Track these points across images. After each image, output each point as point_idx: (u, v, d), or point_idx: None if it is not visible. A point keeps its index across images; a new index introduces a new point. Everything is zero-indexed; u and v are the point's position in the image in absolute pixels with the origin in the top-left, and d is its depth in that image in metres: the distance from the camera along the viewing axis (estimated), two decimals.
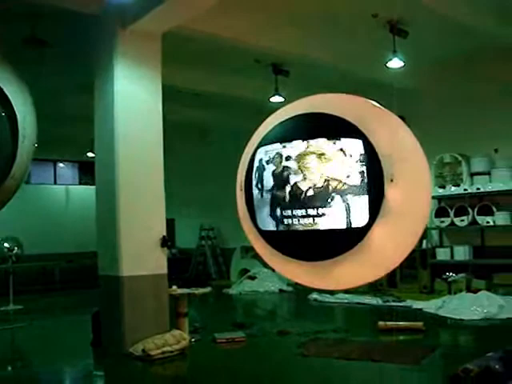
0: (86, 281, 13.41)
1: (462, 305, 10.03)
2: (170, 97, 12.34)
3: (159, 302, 7.97)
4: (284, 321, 11.14)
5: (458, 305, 10.10)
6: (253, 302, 13.81)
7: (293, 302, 13.47)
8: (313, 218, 3.30)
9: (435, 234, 13.10)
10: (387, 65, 10.28)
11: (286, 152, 3.40)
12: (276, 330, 9.07)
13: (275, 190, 3.48)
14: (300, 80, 11.61)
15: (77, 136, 15.01)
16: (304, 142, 3.31)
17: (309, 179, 3.27)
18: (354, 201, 3.16)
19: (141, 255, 7.86)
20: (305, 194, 3.31)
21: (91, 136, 8.65)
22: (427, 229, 12.57)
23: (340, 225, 3.19)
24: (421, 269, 12.69)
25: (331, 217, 3.22)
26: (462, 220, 12.17)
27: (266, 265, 3.74)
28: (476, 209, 11.96)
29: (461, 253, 12.26)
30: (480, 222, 11.90)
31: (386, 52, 10.19)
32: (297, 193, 3.33)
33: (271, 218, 3.58)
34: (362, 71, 11.61)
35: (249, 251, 15.70)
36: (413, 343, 8.00)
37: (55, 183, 20.70)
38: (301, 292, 12.65)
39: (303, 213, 3.32)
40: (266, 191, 3.54)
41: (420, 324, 8.61)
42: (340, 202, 3.20)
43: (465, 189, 12.10)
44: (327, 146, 3.25)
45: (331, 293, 12.04)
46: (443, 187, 12.51)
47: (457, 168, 12.49)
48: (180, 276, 15.20)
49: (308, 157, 3.30)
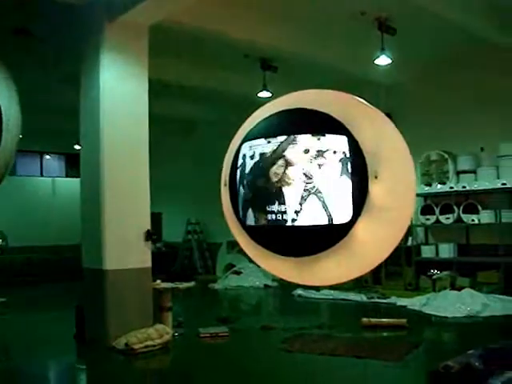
0: (72, 273, 13.32)
1: (446, 302, 10.09)
2: (158, 91, 12.30)
3: (143, 296, 7.95)
4: (268, 316, 11.16)
5: (442, 302, 10.15)
6: (238, 297, 13.82)
7: (277, 298, 13.49)
8: (296, 214, 3.28)
9: (420, 232, 13.14)
10: (375, 62, 10.30)
11: (271, 147, 3.37)
12: (260, 326, 9.07)
13: (259, 186, 3.45)
14: (288, 76, 11.60)
15: (64, 128, 14.89)
16: (289, 137, 3.28)
17: (293, 175, 3.24)
18: (338, 197, 3.14)
19: (125, 249, 7.84)
20: (288, 190, 3.28)
21: (78, 128, 8.59)
22: (412, 226, 12.61)
23: (323, 221, 3.17)
24: (406, 266, 12.73)
25: (314, 212, 3.20)
26: (448, 218, 12.20)
27: (252, 260, 3.72)
28: (461, 207, 11.99)
29: (446, 250, 12.29)
30: (465, 220, 11.93)
31: (374, 49, 10.21)
32: (281, 188, 3.30)
33: (255, 214, 3.56)
34: (350, 68, 11.61)
35: (235, 246, 15.66)
36: (396, 340, 8.04)
37: (42, 175, 20.54)
38: (286, 288, 12.64)
39: (287, 208, 3.30)
40: (250, 186, 3.51)
41: (404, 321, 8.64)
42: (323, 198, 3.18)
43: (451, 187, 12.12)
44: (312, 142, 3.23)
45: (316, 289, 12.05)
46: (429, 185, 12.54)
47: (443, 166, 12.50)
48: (166, 270, 15.15)
49: (294, 152, 3.28)
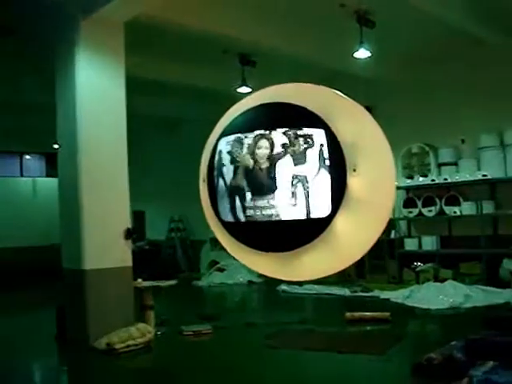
0: (55, 274, 13.17)
1: (429, 294, 10.12)
2: (138, 88, 12.19)
3: (124, 295, 7.87)
4: (252, 312, 11.11)
5: (425, 294, 10.19)
6: (221, 294, 13.75)
7: (261, 294, 13.43)
8: (274, 209, 3.21)
9: (403, 225, 13.17)
10: (354, 55, 10.27)
11: (248, 142, 3.29)
12: (244, 322, 9.02)
13: (236, 181, 3.37)
14: (267, 71, 11.52)
15: (43, 127, 14.70)
16: (266, 132, 3.21)
17: (270, 169, 3.17)
18: (316, 191, 3.08)
19: (105, 248, 7.75)
20: (266, 184, 3.21)
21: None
22: (395, 219, 12.63)
23: (301, 215, 3.10)
24: (389, 259, 12.76)
25: (292, 207, 3.13)
26: (430, 210, 12.23)
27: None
28: (443, 199, 12.03)
29: (428, 243, 12.34)
30: (447, 212, 11.97)
31: (354, 43, 10.17)
32: (258, 183, 3.23)
33: (233, 209, 3.48)
34: (330, 62, 11.58)
35: (218, 243, 15.56)
36: (379, 333, 8.03)
37: (22, 175, 20.32)
38: (270, 283, 12.59)
39: (264, 203, 3.22)
40: (228, 182, 3.43)
41: (387, 314, 8.63)
42: (301, 192, 3.11)
43: (432, 179, 12.15)
44: (289, 136, 3.16)
45: (300, 284, 12.02)
46: (411, 178, 12.57)
47: (424, 158, 12.54)
48: (150, 268, 15.02)
49: (271, 146, 3.21)
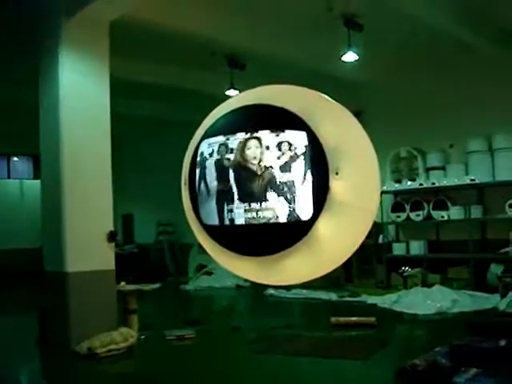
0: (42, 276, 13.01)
1: (416, 299, 10.07)
2: (126, 90, 12.11)
3: (107, 299, 7.76)
4: (238, 317, 10.99)
5: (413, 299, 10.14)
6: (208, 298, 13.64)
7: (249, 298, 13.33)
8: (256, 212, 3.13)
9: (391, 229, 13.13)
10: (342, 58, 10.23)
11: (230, 144, 3.22)
12: (229, 327, 8.93)
13: (218, 184, 3.30)
14: (256, 73, 11.46)
15: (31, 129, 14.56)
16: (247, 134, 3.14)
17: (252, 172, 3.10)
18: (298, 194, 3.01)
19: (87, 250, 7.64)
20: (247, 188, 3.14)
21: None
22: (384, 224, 12.60)
23: (283, 219, 3.03)
24: (377, 263, 12.72)
25: (274, 210, 3.05)
26: (418, 215, 12.20)
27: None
28: (431, 203, 12.01)
29: (416, 247, 12.31)
30: (435, 217, 11.95)
31: (342, 46, 10.14)
32: (240, 186, 3.15)
33: (214, 213, 3.40)
34: (318, 65, 11.51)
35: None
36: (364, 338, 7.95)
37: (9, 177, 20.15)
38: (258, 288, 12.47)
39: (246, 206, 3.16)
40: (209, 185, 3.35)
41: (372, 319, 8.55)
42: (283, 196, 3.04)
43: (420, 183, 12.13)
44: (270, 138, 3.09)
45: (287, 288, 11.95)
46: (399, 182, 12.54)
47: (413, 163, 12.53)
48: (137, 271, 14.90)
49: (251, 149, 3.14)
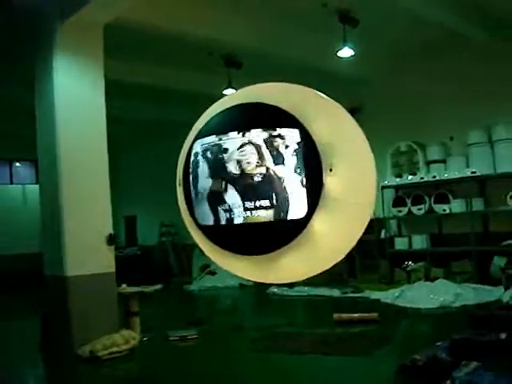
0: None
1: (420, 294, 10.04)
2: (126, 93, 12.11)
3: (108, 302, 7.74)
4: (240, 316, 11.01)
5: (416, 294, 10.11)
6: (212, 298, 13.66)
7: (252, 297, 13.30)
8: (250, 211, 3.11)
9: (393, 224, 13.09)
10: (338, 54, 10.20)
11: (222, 144, 3.21)
12: (231, 326, 8.95)
13: (212, 184, 3.28)
14: (253, 72, 11.40)
15: (33, 134, 14.58)
16: (240, 134, 3.12)
17: (245, 171, 3.08)
18: (292, 192, 2.99)
19: (87, 254, 7.63)
20: (241, 187, 3.12)
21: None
22: (385, 218, 12.56)
23: (277, 217, 3.01)
24: (380, 259, 12.68)
25: (268, 209, 3.04)
26: (420, 209, 12.15)
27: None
28: (433, 197, 11.95)
29: (419, 241, 12.26)
30: (437, 211, 11.90)
31: (338, 41, 10.11)
32: (233, 185, 3.14)
33: (208, 213, 3.38)
34: (315, 61, 11.48)
35: None
36: (366, 334, 7.93)
37: (11, 183, 20.14)
38: (261, 286, 12.47)
39: (240, 206, 3.14)
40: (203, 185, 3.34)
41: (375, 315, 8.53)
42: (276, 193, 3.02)
43: (421, 177, 12.08)
44: (263, 137, 3.07)
45: (290, 286, 11.94)
46: (400, 176, 12.49)
47: (413, 157, 12.48)
48: (141, 273, 14.89)
49: (244, 148, 3.12)
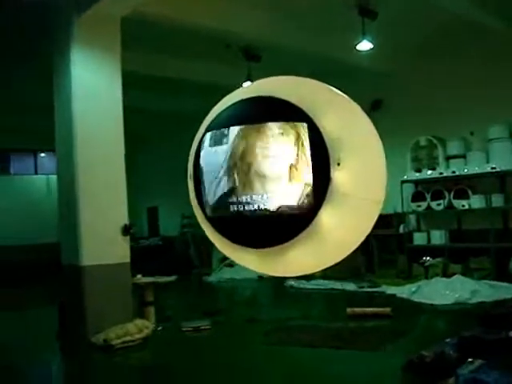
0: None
1: (436, 289, 9.97)
2: (150, 86, 12.21)
3: (123, 292, 7.89)
4: (256, 308, 11.03)
5: (432, 289, 10.04)
6: (229, 290, 13.76)
7: (269, 289, 13.32)
8: (258, 205, 3.16)
9: (412, 219, 13.01)
10: (357, 47, 10.16)
11: (231, 136, 3.25)
12: (246, 318, 8.99)
13: (221, 177, 3.33)
14: (272, 65, 11.40)
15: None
16: (250, 126, 3.15)
17: (254, 164, 3.12)
18: (299, 185, 3.02)
19: (102, 244, 7.77)
20: (250, 180, 3.16)
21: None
22: (404, 213, 12.50)
23: (285, 210, 3.05)
24: (398, 253, 12.63)
25: (275, 202, 3.07)
26: (439, 204, 12.06)
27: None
28: (452, 192, 11.85)
29: (437, 237, 12.18)
30: (456, 206, 11.80)
31: (358, 34, 10.07)
32: (242, 178, 3.18)
33: (217, 205, 3.44)
34: (336, 55, 11.44)
35: None
36: (379, 329, 7.93)
37: (36, 173, 20.46)
38: (279, 279, 12.48)
39: (248, 199, 3.18)
40: (213, 178, 3.39)
41: (388, 310, 8.51)
42: (284, 187, 3.05)
43: (440, 172, 11.98)
44: (272, 130, 3.10)
45: (307, 279, 11.96)
46: (419, 171, 12.40)
47: (433, 151, 12.37)
48: (162, 264, 15.02)
49: (253, 141, 3.16)
